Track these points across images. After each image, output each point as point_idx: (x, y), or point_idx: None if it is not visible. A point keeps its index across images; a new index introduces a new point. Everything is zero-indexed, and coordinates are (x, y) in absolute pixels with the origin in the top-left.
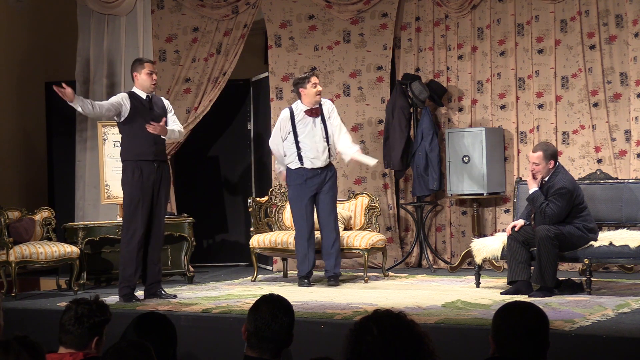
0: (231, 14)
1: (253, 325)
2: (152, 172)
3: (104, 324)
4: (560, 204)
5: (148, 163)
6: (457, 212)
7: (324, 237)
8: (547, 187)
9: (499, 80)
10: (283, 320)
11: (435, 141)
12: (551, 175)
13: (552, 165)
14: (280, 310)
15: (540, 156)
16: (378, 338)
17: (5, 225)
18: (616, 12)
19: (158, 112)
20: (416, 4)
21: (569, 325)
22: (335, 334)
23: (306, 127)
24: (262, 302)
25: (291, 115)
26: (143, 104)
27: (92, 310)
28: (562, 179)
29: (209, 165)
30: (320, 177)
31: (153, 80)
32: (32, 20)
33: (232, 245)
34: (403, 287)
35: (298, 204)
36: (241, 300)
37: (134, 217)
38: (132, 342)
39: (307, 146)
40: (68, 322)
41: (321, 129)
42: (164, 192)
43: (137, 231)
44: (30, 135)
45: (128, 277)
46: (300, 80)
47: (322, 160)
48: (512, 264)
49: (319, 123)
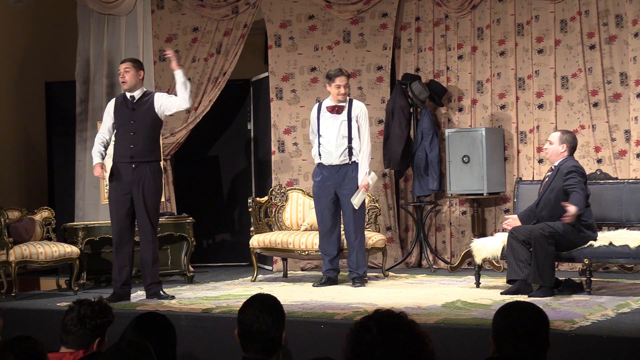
0: (231, 14)
1: (239, 326)
2: (129, 173)
3: (106, 325)
4: (577, 182)
5: (125, 165)
6: (457, 212)
7: (346, 237)
8: (557, 171)
9: (498, 80)
10: (267, 319)
11: (435, 141)
12: (560, 160)
13: (564, 150)
14: (264, 309)
15: (557, 136)
16: (378, 338)
17: (5, 225)
18: (616, 12)
19: (143, 110)
20: (416, 4)
21: (569, 325)
22: (335, 334)
23: (326, 122)
24: (246, 303)
25: (318, 108)
26: (126, 105)
27: (94, 311)
28: (573, 162)
29: (209, 165)
30: (338, 175)
31: (121, 79)
32: (32, 20)
33: (232, 245)
34: (403, 287)
35: (317, 203)
36: (241, 300)
37: (110, 218)
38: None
39: (324, 140)
40: (70, 322)
41: (343, 127)
42: (146, 192)
43: (114, 232)
44: (30, 135)
45: (113, 279)
46: (328, 76)
47: (336, 157)
48: (512, 263)
49: (341, 121)
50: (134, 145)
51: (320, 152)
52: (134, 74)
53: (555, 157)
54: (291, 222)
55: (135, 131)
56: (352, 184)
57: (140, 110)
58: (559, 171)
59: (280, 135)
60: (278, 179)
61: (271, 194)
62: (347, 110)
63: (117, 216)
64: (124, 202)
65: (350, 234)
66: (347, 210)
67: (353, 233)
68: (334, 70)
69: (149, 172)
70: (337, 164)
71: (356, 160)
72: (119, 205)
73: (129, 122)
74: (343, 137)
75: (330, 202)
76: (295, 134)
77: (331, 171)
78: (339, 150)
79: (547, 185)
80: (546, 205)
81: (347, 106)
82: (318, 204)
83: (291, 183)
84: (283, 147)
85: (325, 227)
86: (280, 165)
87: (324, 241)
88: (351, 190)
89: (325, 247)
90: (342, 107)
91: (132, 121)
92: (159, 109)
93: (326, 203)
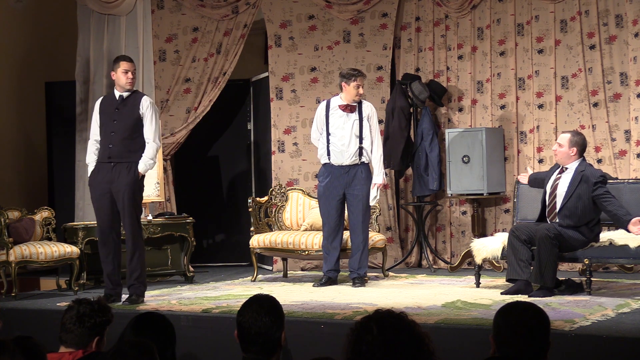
0: (231, 14)
1: (238, 328)
2: (107, 172)
3: (105, 324)
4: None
5: (104, 164)
6: (457, 212)
7: (351, 238)
8: (581, 178)
9: (498, 80)
10: (265, 321)
11: (435, 141)
12: (572, 163)
13: (574, 154)
14: (262, 311)
15: (567, 138)
16: (378, 338)
17: (5, 225)
18: (616, 12)
19: (126, 110)
20: (416, 4)
21: (569, 325)
22: (335, 334)
23: (338, 120)
24: (244, 305)
25: (327, 107)
26: (111, 105)
27: (93, 310)
28: (596, 170)
29: (209, 165)
30: (347, 175)
31: (128, 78)
32: (32, 20)
33: (232, 245)
34: (403, 287)
35: (322, 202)
36: (241, 300)
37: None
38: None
39: (335, 138)
40: (69, 321)
41: (356, 126)
42: (124, 192)
43: (97, 232)
44: (30, 135)
45: (104, 278)
46: (347, 75)
47: (348, 157)
48: (513, 262)
49: (354, 120)
50: (113, 145)
51: (330, 151)
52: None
53: (566, 159)
54: (291, 222)
55: (115, 131)
56: (362, 184)
57: (123, 110)
58: (583, 178)
59: (280, 135)
60: (278, 179)
61: (271, 194)
62: (358, 109)
63: (98, 216)
64: (102, 202)
65: (358, 234)
66: (355, 210)
67: (361, 234)
68: (354, 70)
69: (124, 172)
70: (348, 164)
71: (365, 160)
72: (99, 205)
73: (111, 121)
74: (356, 137)
75: (338, 203)
76: (295, 134)
77: (340, 171)
78: (350, 150)
79: (570, 191)
80: (572, 214)
81: (358, 106)
82: (325, 204)
83: (291, 183)
84: (283, 147)
85: (331, 227)
86: (280, 165)
87: (328, 241)
88: (361, 190)
89: (329, 247)
90: (355, 106)
91: (114, 120)
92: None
93: (334, 204)
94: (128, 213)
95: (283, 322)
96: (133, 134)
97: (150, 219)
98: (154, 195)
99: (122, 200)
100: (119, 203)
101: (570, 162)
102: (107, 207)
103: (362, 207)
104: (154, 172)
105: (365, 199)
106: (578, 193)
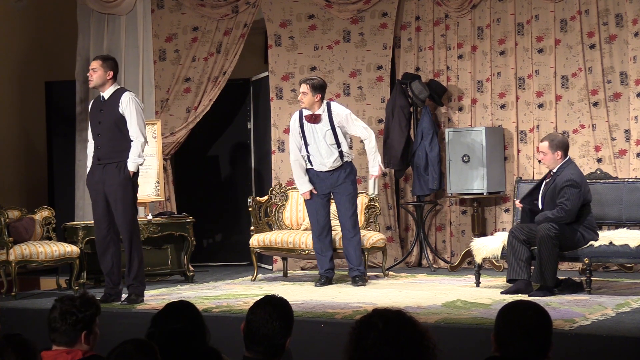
0: (231, 13)
1: (246, 325)
2: (99, 174)
3: (90, 318)
4: (571, 196)
5: (97, 166)
6: (457, 211)
7: (342, 236)
8: (555, 180)
9: (499, 80)
10: (275, 325)
11: (435, 140)
12: (560, 166)
13: (560, 157)
14: (274, 314)
15: (546, 146)
16: (384, 333)
17: (5, 225)
18: (616, 12)
19: (108, 111)
20: (416, 4)
21: (569, 325)
22: (335, 333)
23: (309, 133)
24: (259, 303)
25: (299, 117)
26: (97, 106)
27: (75, 305)
28: (570, 171)
29: (209, 165)
30: (331, 179)
31: (89, 76)
32: (32, 20)
33: (232, 245)
34: (403, 286)
35: (309, 203)
36: (241, 300)
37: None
38: (137, 343)
39: (313, 150)
40: (53, 320)
41: (329, 136)
42: (115, 192)
43: (95, 232)
44: (30, 135)
45: (105, 277)
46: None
47: (328, 165)
48: (512, 262)
49: (325, 130)
50: (100, 147)
51: (311, 160)
52: (101, 74)
53: (554, 164)
54: (291, 221)
55: (101, 132)
56: (347, 182)
57: (105, 111)
58: (555, 182)
59: (280, 135)
60: (278, 179)
61: (271, 193)
62: (328, 116)
63: (95, 217)
64: (98, 203)
65: (349, 231)
66: (342, 208)
67: (352, 229)
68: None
69: (115, 172)
70: (329, 169)
71: (348, 159)
72: (95, 206)
73: (97, 123)
74: (331, 145)
75: (325, 201)
76: None
77: (325, 175)
78: (331, 159)
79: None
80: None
81: (327, 112)
82: (312, 205)
83: (291, 182)
84: (283, 146)
85: (320, 226)
86: (280, 164)
87: (319, 241)
88: (346, 188)
89: (322, 246)
90: (319, 115)
91: (99, 122)
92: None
93: (321, 203)
94: (122, 213)
95: (292, 329)
96: (118, 134)
97: (150, 218)
98: (153, 194)
99: (114, 200)
100: (112, 204)
101: (559, 165)
102: (103, 208)
103: (348, 206)
104: (153, 172)
105: (352, 195)
106: (551, 197)
